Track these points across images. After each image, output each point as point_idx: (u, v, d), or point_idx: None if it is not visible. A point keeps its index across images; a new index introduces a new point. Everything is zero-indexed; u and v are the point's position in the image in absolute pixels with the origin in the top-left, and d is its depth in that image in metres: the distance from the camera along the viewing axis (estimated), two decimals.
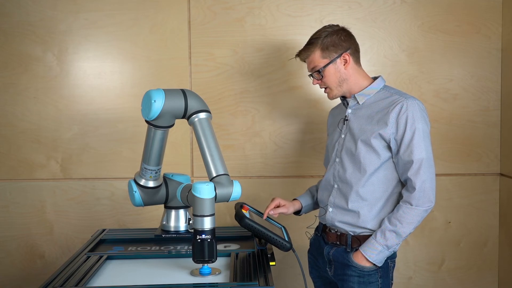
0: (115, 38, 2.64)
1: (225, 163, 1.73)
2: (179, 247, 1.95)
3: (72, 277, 1.64)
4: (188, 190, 1.65)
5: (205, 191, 1.60)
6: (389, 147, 1.90)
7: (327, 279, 2.08)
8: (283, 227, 2.01)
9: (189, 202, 1.67)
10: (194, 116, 1.78)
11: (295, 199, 2.18)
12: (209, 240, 1.61)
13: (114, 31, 2.63)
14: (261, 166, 2.70)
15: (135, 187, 1.97)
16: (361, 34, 2.57)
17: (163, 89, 1.76)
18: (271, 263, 1.78)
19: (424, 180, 1.84)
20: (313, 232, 2.17)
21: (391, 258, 1.96)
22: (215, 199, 1.64)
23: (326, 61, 1.94)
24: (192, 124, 1.79)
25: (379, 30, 2.65)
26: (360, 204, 1.93)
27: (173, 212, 2.05)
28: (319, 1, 2.64)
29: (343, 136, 2.01)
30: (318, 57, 1.95)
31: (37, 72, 2.64)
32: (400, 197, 1.93)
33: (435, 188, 1.88)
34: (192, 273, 1.71)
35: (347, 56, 1.95)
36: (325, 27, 1.99)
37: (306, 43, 1.99)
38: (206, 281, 1.66)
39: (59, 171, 2.68)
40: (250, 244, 2.00)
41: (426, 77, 2.67)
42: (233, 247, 1.96)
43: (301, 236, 2.29)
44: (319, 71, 1.96)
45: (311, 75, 2.01)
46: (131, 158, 2.66)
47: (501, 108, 2.69)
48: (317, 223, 2.15)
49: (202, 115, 1.79)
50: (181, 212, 2.05)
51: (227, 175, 1.71)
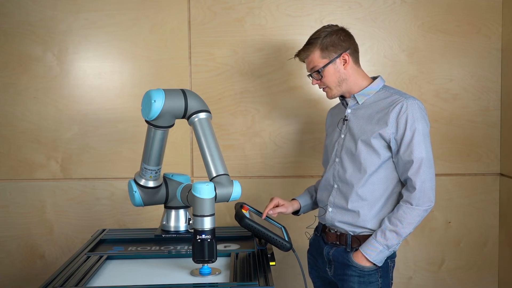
0: (115, 38, 2.64)
1: (225, 163, 1.73)
2: (179, 247, 1.95)
3: (72, 277, 1.64)
4: (188, 190, 1.65)
5: (205, 191, 1.60)
6: (389, 147, 1.90)
7: (326, 279, 2.08)
8: (283, 227, 2.01)
9: (189, 202, 1.67)
10: (194, 116, 1.78)
11: (293, 199, 2.18)
12: (209, 240, 1.61)
13: (114, 31, 2.63)
14: (261, 166, 2.70)
15: (135, 187, 1.97)
16: (361, 34, 2.57)
17: (163, 89, 1.76)
18: (271, 263, 1.78)
19: (424, 180, 1.84)
20: (313, 232, 2.17)
21: (391, 258, 1.96)
22: (215, 199, 1.64)
23: (325, 61, 1.94)
24: (192, 124, 1.79)
25: (379, 30, 2.65)
26: (360, 204, 1.93)
27: (173, 212, 2.05)
28: (319, 1, 2.64)
29: (342, 136, 2.01)
30: (317, 57, 1.95)
31: (37, 72, 2.64)
32: (400, 197, 1.93)
33: (435, 188, 1.88)
34: (192, 273, 1.71)
35: (346, 56, 1.95)
36: (324, 27, 1.99)
37: (305, 43, 1.99)
38: (206, 281, 1.65)
39: (59, 171, 2.68)
40: (250, 244, 2.00)
41: (426, 77, 2.67)
42: (233, 247, 1.96)
43: (301, 236, 2.29)
44: (318, 71, 1.96)
45: (310, 75, 2.01)
46: (131, 158, 2.66)
47: (501, 108, 2.69)
48: (316, 223, 2.15)
49: (202, 115, 1.79)
50: (181, 212, 2.05)
51: (227, 175, 1.71)
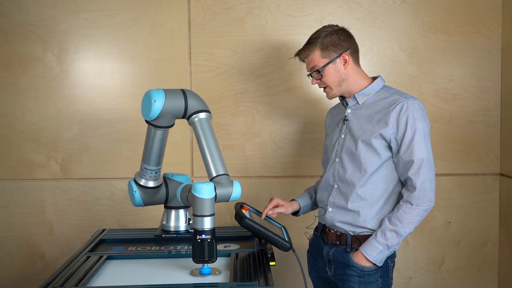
0: (115, 38, 2.64)
1: (225, 163, 1.73)
2: (179, 247, 1.95)
3: (72, 277, 1.64)
4: (188, 190, 1.65)
5: (205, 191, 1.60)
6: (389, 147, 1.90)
7: (326, 279, 2.08)
8: (283, 227, 2.01)
9: (189, 202, 1.67)
10: (194, 116, 1.78)
11: (293, 199, 2.18)
12: (209, 240, 1.61)
13: (114, 31, 2.63)
14: (261, 166, 2.70)
15: (135, 187, 1.97)
16: (361, 34, 2.57)
17: (163, 89, 1.76)
18: (271, 263, 1.78)
19: (425, 180, 1.84)
20: (312, 232, 2.17)
21: (391, 258, 1.96)
22: (215, 199, 1.64)
23: (325, 60, 1.94)
24: (192, 124, 1.79)
25: (379, 30, 2.65)
26: (360, 204, 1.93)
27: (173, 212, 2.05)
28: (319, 1, 2.64)
29: (343, 136, 2.01)
30: (317, 57, 1.95)
31: (37, 72, 2.64)
32: (400, 196, 1.93)
33: (435, 188, 1.88)
34: (192, 273, 1.71)
35: (346, 56, 1.95)
36: (324, 27, 1.99)
37: (305, 42, 1.99)
38: (206, 281, 1.65)
39: (59, 171, 2.68)
40: (250, 244, 2.00)
41: (426, 77, 2.67)
42: (233, 247, 1.96)
43: (301, 236, 2.28)
44: (318, 71, 1.96)
45: (310, 75, 2.01)
46: (131, 158, 2.66)
47: (501, 108, 2.69)
48: (316, 223, 2.15)
49: (202, 115, 1.79)
50: (181, 212, 2.05)
51: (227, 175, 1.71)
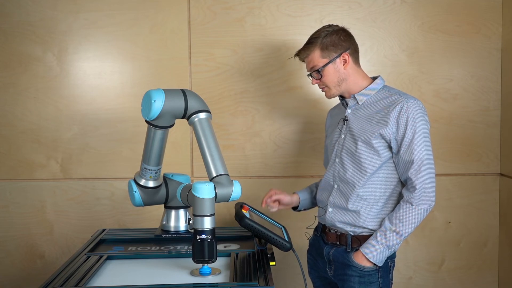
0: (115, 38, 2.64)
1: (225, 163, 1.73)
2: (179, 247, 1.95)
3: (72, 277, 1.64)
4: (188, 190, 1.65)
5: (205, 191, 1.60)
6: (389, 147, 1.90)
7: (326, 279, 2.08)
8: (283, 227, 2.01)
9: (189, 202, 1.67)
10: (194, 116, 1.78)
11: (294, 193, 2.19)
12: (209, 240, 1.61)
13: (114, 31, 2.63)
14: (261, 166, 2.70)
15: (135, 187, 1.97)
16: (361, 34, 2.57)
17: (163, 89, 1.76)
18: (271, 263, 1.78)
19: (425, 180, 1.85)
20: (312, 232, 2.17)
21: (391, 258, 1.96)
22: (215, 199, 1.64)
23: (325, 60, 1.94)
24: (192, 124, 1.79)
25: (379, 30, 2.65)
26: (360, 204, 1.93)
27: (173, 212, 2.05)
28: (319, 1, 2.64)
29: (343, 136, 2.01)
30: (317, 57, 1.95)
31: (37, 72, 2.64)
32: (400, 196, 1.93)
33: (435, 188, 1.88)
34: (192, 273, 1.71)
35: (346, 56, 1.95)
36: (324, 27, 1.99)
37: (305, 42, 1.99)
38: (206, 281, 1.65)
39: (59, 171, 2.68)
40: (250, 244, 2.00)
41: (426, 77, 2.67)
42: (233, 247, 1.96)
43: (301, 236, 2.28)
44: (318, 71, 1.96)
45: (310, 75, 2.01)
46: (131, 158, 2.66)
47: (501, 108, 2.69)
48: (316, 223, 2.15)
49: (202, 115, 1.79)
50: (181, 212, 2.05)
51: (227, 175, 1.71)
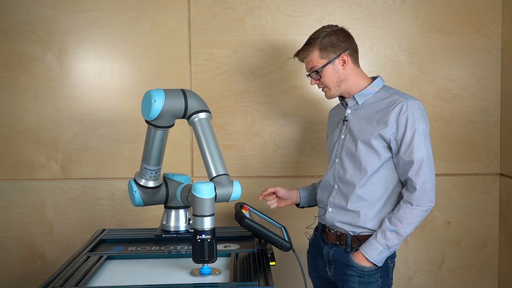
0: (115, 38, 2.64)
1: (225, 163, 1.73)
2: (179, 247, 1.95)
3: (72, 277, 1.64)
4: (188, 190, 1.65)
5: (205, 191, 1.60)
6: (389, 148, 1.90)
7: (326, 279, 2.08)
8: (283, 227, 2.01)
9: (189, 202, 1.67)
10: (194, 116, 1.78)
11: (295, 189, 2.21)
12: (209, 240, 1.61)
13: (114, 31, 2.63)
14: (261, 166, 2.70)
15: (135, 187, 1.97)
16: (361, 34, 2.57)
17: (163, 89, 1.76)
18: (271, 263, 1.78)
19: (425, 180, 1.84)
20: (312, 232, 2.17)
21: (391, 258, 1.96)
22: (215, 199, 1.64)
23: (324, 61, 1.94)
24: (192, 124, 1.79)
25: (379, 30, 2.65)
26: (360, 204, 1.93)
27: (173, 212, 2.05)
28: (319, 1, 2.64)
29: (342, 136, 2.01)
30: (316, 57, 1.95)
31: (37, 72, 2.64)
32: (400, 197, 1.93)
33: (435, 188, 1.88)
34: (192, 273, 1.71)
35: (345, 56, 1.95)
36: (324, 27, 1.99)
37: (304, 43, 1.99)
38: (206, 281, 1.65)
39: (59, 171, 2.68)
40: (250, 244, 2.00)
41: (426, 77, 2.67)
42: (233, 247, 1.96)
43: (301, 236, 2.28)
44: (317, 71, 1.96)
45: (309, 75, 2.01)
46: (131, 158, 2.66)
47: (501, 108, 2.69)
48: (316, 223, 2.15)
49: (202, 115, 1.79)
50: (181, 212, 2.05)
51: (227, 175, 1.71)
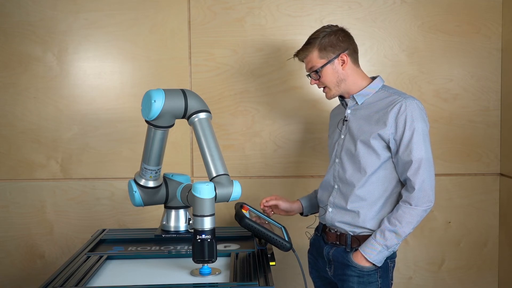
0: (115, 38, 2.64)
1: (225, 163, 1.73)
2: (179, 247, 1.95)
3: (72, 277, 1.64)
4: (188, 190, 1.65)
5: (205, 191, 1.60)
6: (388, 147, 1.90)
7: (327, 279, 2.08)
8: (283, 227, 2.01)
9: (189, 202, 1.67)
10: (194, 116, 1.78)
11: (297, 200, 2.21)
12: (209, 240, 1.61)
13: (114, 31, 2.63)
14: (261, 166, 2.70)
15: (135, 187, 1.97)
16: (361, 34, 2.57)
17: (163, 89, 1.76)
18: (271, 263, 1.78)
19: (424, 180, 1.84)
20: (313, 232, 2.17)
21: (391, 258, 1.96)
22: (215, 199, 1.64)
23: (323, 61, 1.94)
24: (192, 124, 1.79)
25: (379, 30, 2.65)
26: (360, 204, 1.93)
27: (173, 212, 2.05)
28: (319, 1, 2.64)
29: (342, 136, 2.01)
30: (315, 57, 1.95)
31: (37, 72, 2.64)
32: (399, 197, 1.93)
33: (434, 188, 1.88)
34: (192, 273, 1.71)
35: (345, 56, 1.95)
36: (324, 27, 1.99)
37: (304, 43, 2.00)
38: (206, 281, 1.65)
39: (59, 171, 2.68)
40: (250, 244, 2.00)
41: (426, 77, 2.67)
42: (233, 247, 1.96)
43: (301, 236, 2.29)
44: (316, 71, 1.96)
45: (309, 75, 2.01)
46: (131, 158, 2.66)
47: (501, 108, 2.69)
48: (317, 223, 2.15)
49: (202, 115, 1.79)
50: (181, 212, 2.05)
51: (227, 175, 1.71)
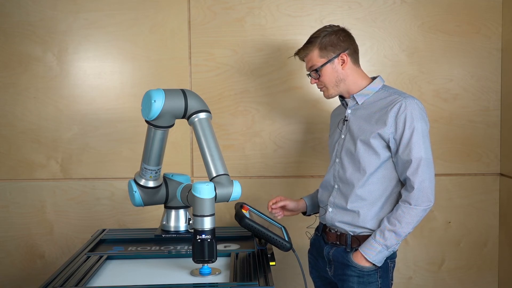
0: (115, 38, 2.64)
1: (225, 163, 1.73)
2: (179, 247, 1.95)
3: (72, 277, 1.64)
4: (188, 190, 1.65)
5: (205, 191, 1.60)
6: (388, 147, 1.90)
7: (327, 279, 2.08)
8: (283, 227, 2.01)
9: (189, 202, 1.67)
10: (194, 116, 1.78)
11: (301, 198, 2.21)
12: (209, 240, 1.61)
13: (114, 31, 2.63)
14: (261, 166, 2.70)
15: (135, 187, 1.97)
16: (361, 34, 2.57)
17: (163, 89, 1.76)
18: (271, 263, 1.78)
19: (423, 179, 1.84)
20: (313, 232, 2.17)
21: (391, 258, 1.96)
22: (215, 199, 1.64)
23: (323, 60, 1.95)
24: (192, 124, 1.79)
25: (379, 30, 2.65)
26: (360, 204, 1.93)
27: (173, 212, 2.05)
28: (319, 1, 2.64)
29: (343, 136, 2.01)
30: (316, 56, 1.96)
31: (37, 72, 2.64)
32: (399, 196, 1.93)
33: (434, 187, 1.88)
34: (192, 273, 1.71)
35: (345, 56, 1.95)
36: (325, 27, 1.99)
37: (305, 42, 2.00)
38: (206, 281, 1.65)
39: (59, 171, 2.68)
40: (250, 244, 2.00)
41: (426, 77, 2.67)
42: (233, 247, 1.96)
43: (301, 236, 2.29)
44: (316, 70, 1.96)
45: (309, 74, 2.02)
46: (131, 158, 2.66)
47: (501, 108, 2.69)
48: (317, 223, 2.15)
49: (202, 115, 1.79)
50: (181, 212, 2.05)
51: (227, 175, 1.71)
